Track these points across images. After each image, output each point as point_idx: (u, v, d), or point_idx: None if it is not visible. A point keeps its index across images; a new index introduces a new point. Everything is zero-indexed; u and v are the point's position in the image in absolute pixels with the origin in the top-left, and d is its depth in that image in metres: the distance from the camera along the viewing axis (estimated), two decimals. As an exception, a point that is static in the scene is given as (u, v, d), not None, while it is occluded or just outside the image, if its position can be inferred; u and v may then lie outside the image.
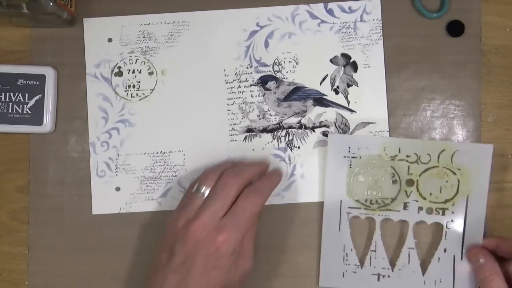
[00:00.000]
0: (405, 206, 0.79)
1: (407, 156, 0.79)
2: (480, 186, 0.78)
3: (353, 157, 0.79)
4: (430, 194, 0.79)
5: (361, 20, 0.80)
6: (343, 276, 0.79)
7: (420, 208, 0.79)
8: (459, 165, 0.78)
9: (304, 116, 0.80)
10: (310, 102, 0.80)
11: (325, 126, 0.80)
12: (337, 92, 0.80)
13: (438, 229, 0.79)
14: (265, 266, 0.80)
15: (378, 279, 0.79)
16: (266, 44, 0.81)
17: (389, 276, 0.79)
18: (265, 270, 0.80)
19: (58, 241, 0.81)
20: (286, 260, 0.81)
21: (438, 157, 0.79)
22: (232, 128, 0.80)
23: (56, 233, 0.81)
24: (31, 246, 0.81)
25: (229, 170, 0.73)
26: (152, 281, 0.70)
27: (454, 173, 0.78)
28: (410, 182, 0.79)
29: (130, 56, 0.81)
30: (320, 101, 0.80)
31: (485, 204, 0.78)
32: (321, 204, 0.80)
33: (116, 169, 0.81)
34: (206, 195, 0.71)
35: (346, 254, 0.79)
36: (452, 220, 0.78)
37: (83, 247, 0.81)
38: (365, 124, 0.80)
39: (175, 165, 0.81)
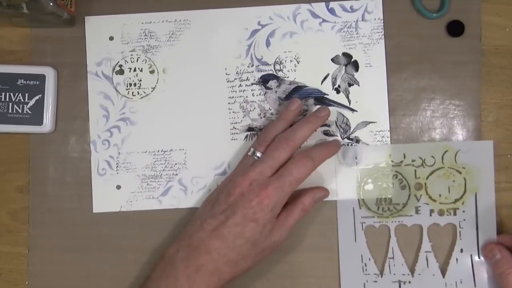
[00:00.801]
0: (417, 210, 0.79)
1: (413, 161, 0.79)
2: (486, 181, 0.79)
3: (360, 167, 0.80)
4: (440, 195, 0.79)
5: (362, 20, 0.80)
6: (364, 286, 0.79)
7: (432, 211, 0.79)
8: (463, 164, 0.79)
9: (305, 115, 0.80)
10: (311, 101, 0.80)
11: (326, 125, 0.80)
12: (338, 91, 0.80)
13: (452, 229, 0.79)
14: (264, 266, 0.80)
15: (400, 286, 0.79)
16: (268, 43, 0.81)
17: (410, 282, 0.79)
18: (265, 270, 0.80)
19: (58, 241, 0.81)
20: (286, 260, 0.80)
21: (442, 158, 0.79)
22: (233, 127, 0.80)
23: (56, 233, 0.81)
24: (31, 246, 0.81)
25: (281, 134, 0.75)
26: (189, 227, 0.74)
27: (460, 172, 0.79)
28: (418, 186, 0.79)
29: (132, 55, 0.81)
30: (321, 100, 0.80)
31: (493, 199, 0.79)
32: (320, 203, 0.79)
33: (117, 167, 0.80)
34: (257, 156, 0.75)
35: (365, 264, 0.79)
36: (464, 219, 0.79)
37: (83, 247, 0.80)
38: (366, 123, 0.80)
39: (176, 164, 0.80)
